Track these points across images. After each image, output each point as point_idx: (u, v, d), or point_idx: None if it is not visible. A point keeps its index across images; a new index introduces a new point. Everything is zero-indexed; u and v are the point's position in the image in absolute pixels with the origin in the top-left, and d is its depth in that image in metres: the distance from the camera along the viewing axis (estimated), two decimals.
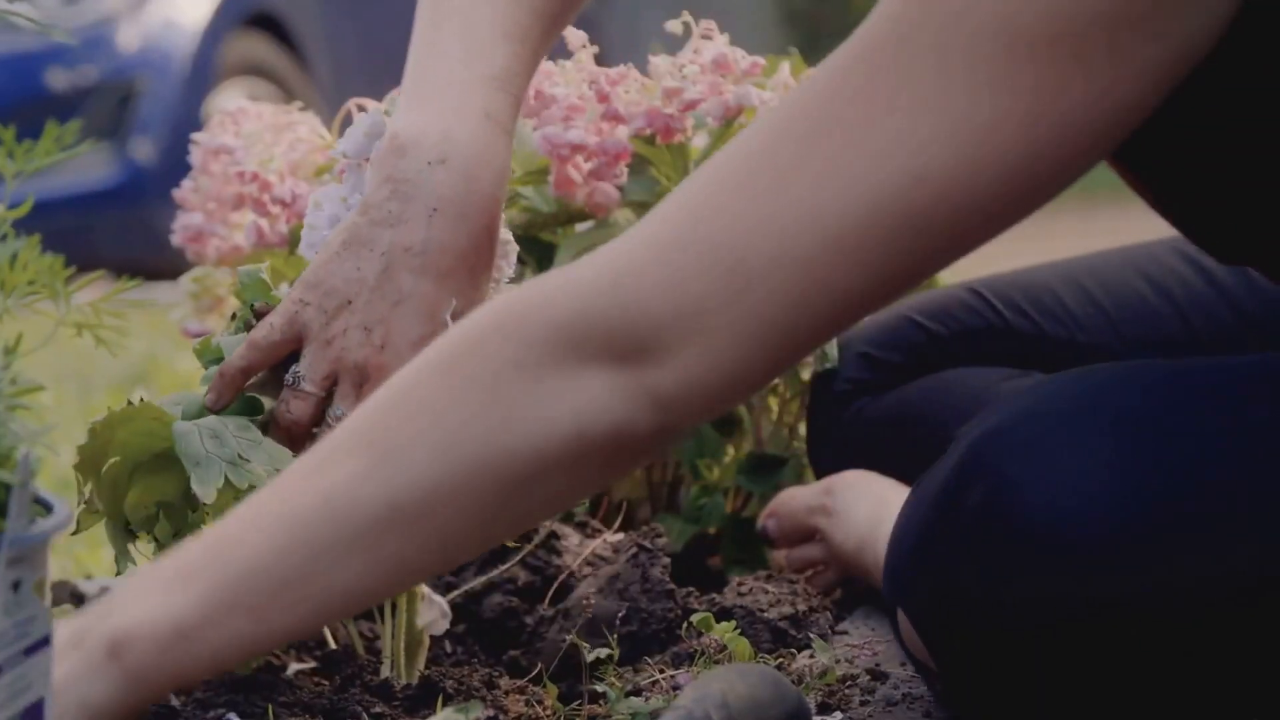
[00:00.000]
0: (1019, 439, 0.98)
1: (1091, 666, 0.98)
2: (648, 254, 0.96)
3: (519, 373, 0.96)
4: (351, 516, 0.96)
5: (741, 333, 0.94)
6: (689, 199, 0.97)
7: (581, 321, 0.96)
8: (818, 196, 0.93)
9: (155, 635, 0.95)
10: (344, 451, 0.98)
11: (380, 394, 0.99)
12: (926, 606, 1.02)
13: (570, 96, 1.49)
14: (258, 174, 1.54)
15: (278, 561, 0.96)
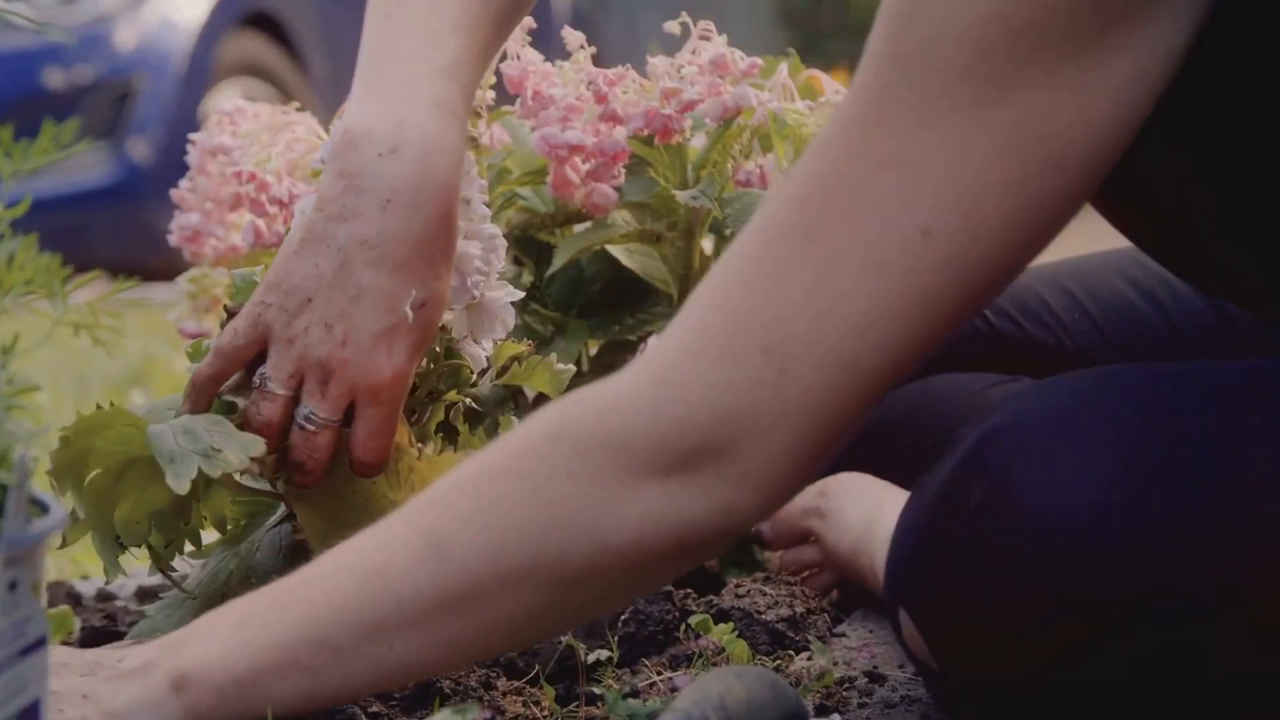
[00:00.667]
0: (1020, 440, 0.99)
1: (1092, 666, 0.98)
2: (683, 361, 0.96)
3: (570, 482, 0.97)
4: (406, 597, 0.98)
5: (787, 425, 0.95)
6: (713, 298, 0.97)
7: (630, 433, 0.96)
8: (829, 278, 0.94)
9: (216, 682, 0.98)
10: (401, 535, 0.99)
11: (435, 491, 1.01)
12: (929, 607, 1.02)
13: (568, 97, 1.49)
14: (255, 174, 1.54)
15: (334, 629, 0.98)
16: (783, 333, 0.94)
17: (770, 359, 0.94)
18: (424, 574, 0.98)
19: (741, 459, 0.95)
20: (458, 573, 0.98)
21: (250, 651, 0.99)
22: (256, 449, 1.11)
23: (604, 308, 1.58)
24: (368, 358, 1.13)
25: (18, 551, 0.82)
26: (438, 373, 1.22)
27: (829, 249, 0.94)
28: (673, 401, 0.96)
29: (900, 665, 1.26)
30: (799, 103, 1.52)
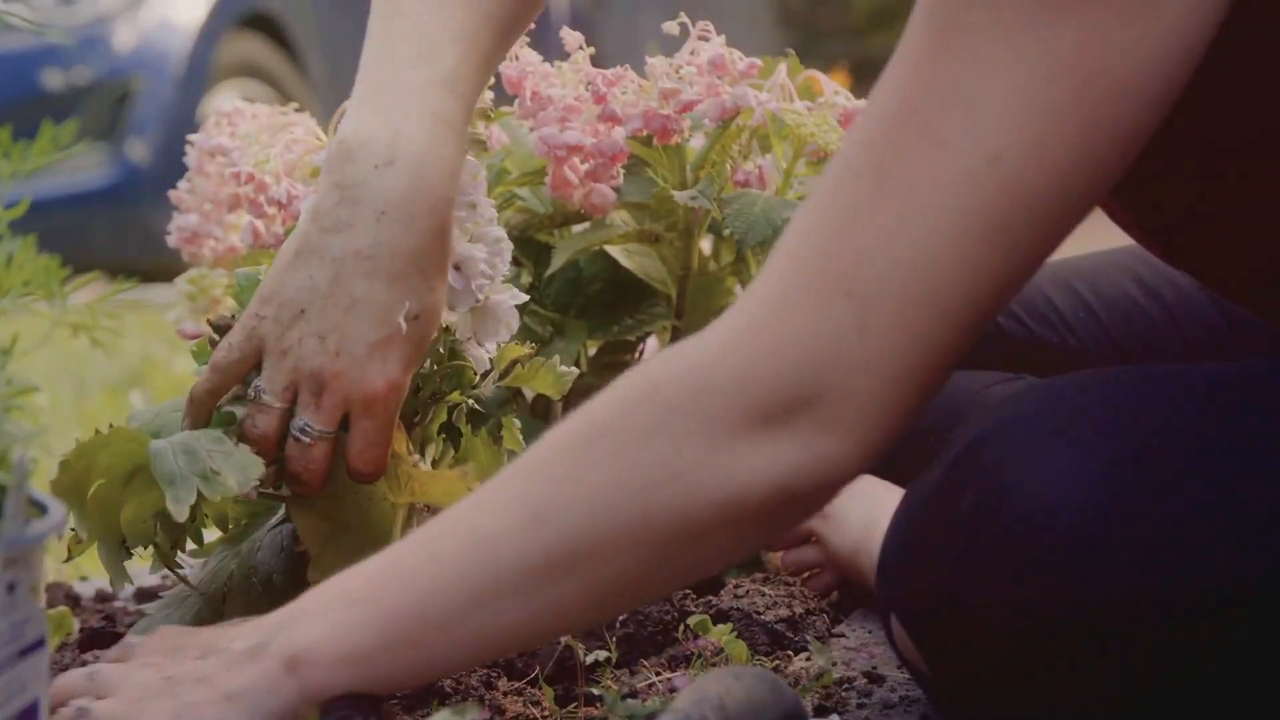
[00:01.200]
0: (1013, 442, 0.98)
1: (1084, 669, 0.98)
2: (767, 311, 0.97)
3: (664, 442, 0.97)
4: (510, 564, 0.99)
5: (876, 369, 0.94)
6: (792, 245, 0.97)
7: (720, 388, 0.96)
8: (902, 215, 0.94)
9: (327, 661, 1.00)
10: (498, 504, 1.00)
11: (530, 456, 1.01)
12: (919, 609, 1.02)
13: (567, 97, 1.49)
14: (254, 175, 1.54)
15: (441, 601, 0.99)
16: (862, 275, 0.94)
17: (852, 303, 0.94)
18: (526, 541, 0.98)
19: (834, 406, 0.95)
20: (559, 538, 0.98)
21: (359, 630, 1.00)
22: (256, 471, 1.11)
23: (603, 308, 1.58)
24: (362, 369, 1.13)
25: (16, 553, 0.82)
26: (441, 374, 1.22)
27: (900, 186, 0.94)
28: (760, 353, 0.96)
29: (899, 666, 1.26)
30: (798, 103, 1.52)
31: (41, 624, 0.85)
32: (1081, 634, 0.97)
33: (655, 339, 1.64)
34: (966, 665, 1.01)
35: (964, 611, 0.99)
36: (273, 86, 5.70)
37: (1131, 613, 0.96)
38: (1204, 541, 0.96)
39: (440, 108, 1.18)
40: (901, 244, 0.94)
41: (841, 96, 1.54)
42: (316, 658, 1.00)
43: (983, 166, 0.93)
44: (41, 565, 0.86)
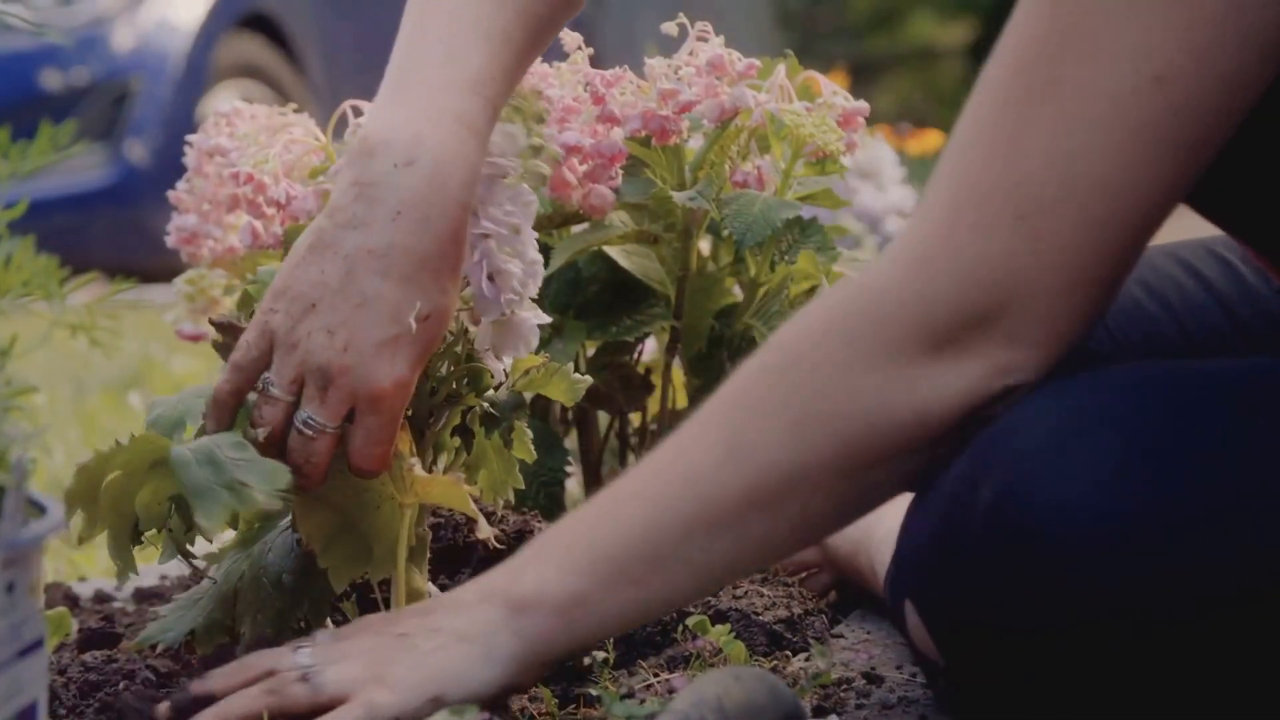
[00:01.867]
0: (1029, 438, 0.99)
1: (1100, 666, 0.99)
2: (937, 238, 1.01)
3: (851, 370, 1.02)
4: (716, 500, 1.04)
5: (1050, 290, 0.99)
6: (956, 170, 1.01)
7: (900, 314, 1.01)
8: (1068, 136, 0.97)
9: (553, 603, 1.06)
10: (701, 441, 1.05)
11: (728, 388, 1.06)
12: (935, 601, 1.03)
13: (566, 98, 1.49)
14: (252, 175, 1.54)
15: (652, 537, 1.05)
16: (1031, 197, 0.98)
17: (1021, 225, 0.98)
18: (727, 476, 1.04)
19: (1010, 324, 1.00)
20: (759, 472, 1.03)
21: (581, 571, 1.05)
22: (282, 480, 1.10)
23: (601, 308, 1.58)
24: (369, 365, 1.13)
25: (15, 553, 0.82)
26: (458, 376, 1.22)
27: (1065, 106, 0.98)
28: (932, 280, 1.00)
29: (898, 666, 1.26)
30: (796, 104, 1.52)
31: (40, 624, 0.85)
32: (1096, 631, 0.97)
33: (654, 340, 1.64)
34: (983, 657, 1.02)
35: (982, 605, 1.00)
36: (271, 87, 5.70)
37: (1147, 611, 0.96)
38: (1223, 540, 0.96)
39: (464, 110, 1.17)
40: (1066, 163, 0.98)
41: (840, 97, 1.54)
42: (541, 600, 1.06)
43: (1148, 86, 0.96)
44: (40, 566, 0.86)
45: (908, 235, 1.02)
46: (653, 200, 1.54)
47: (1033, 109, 0.99)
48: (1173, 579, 0.96)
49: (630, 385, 1.62)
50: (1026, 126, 0.99)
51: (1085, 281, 0.99)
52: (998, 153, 0.99)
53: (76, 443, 2.67)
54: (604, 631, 1.08)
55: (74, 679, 1.22)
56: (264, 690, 1.07)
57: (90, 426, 2.85)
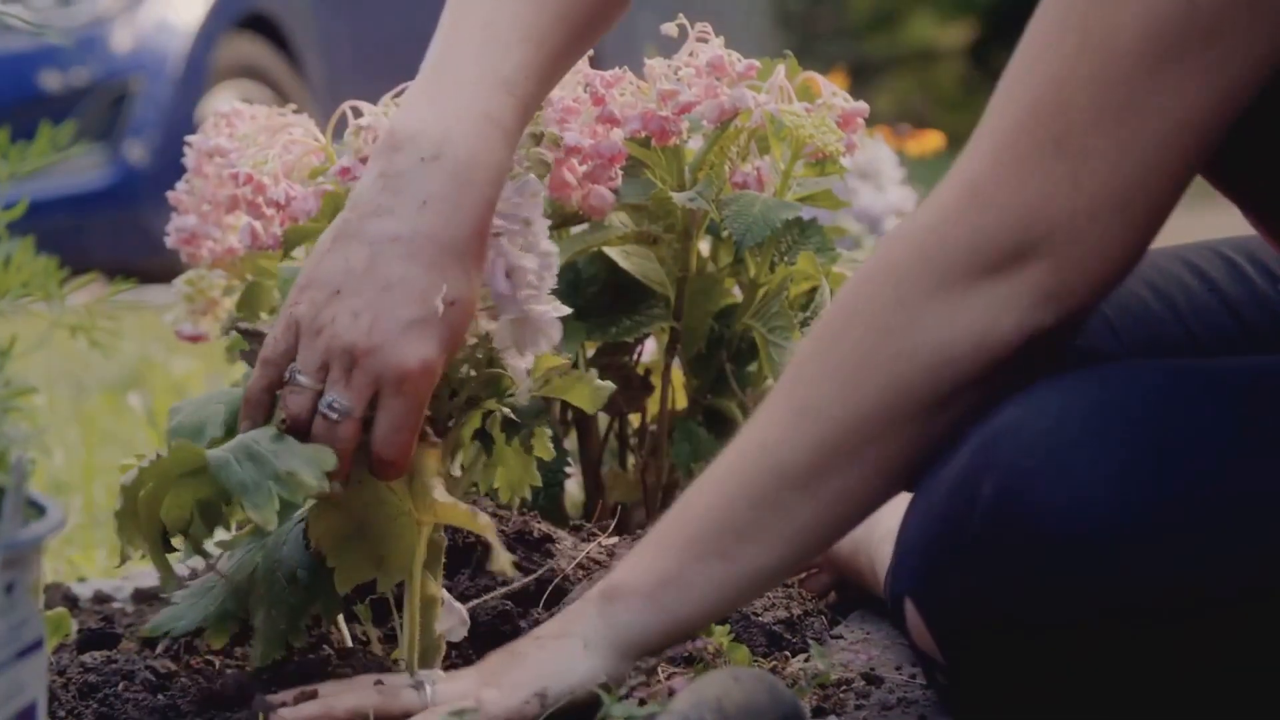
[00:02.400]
0: (1031, 434, 0.99)
1: (1100, 664, 0.99)
2: (982, 167, 1.03)
3: (903, 310, 1.03)
4: (788, 464, 1.06)
5: (1093, 215, 1.00)
6: (999, 111, 1.03)
7: (949, 250, 1.03)
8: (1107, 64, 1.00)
9: (644, 587, 1.08)
10: (769, 412, 1.08)
11: (791, 365, 1.08)
12: (935, 598, 1.03)
13: (565, 99, 1.49)
14: (252, 176, 1.54)
15: (734, 509, 1.07)
16: (1072, 130, 1.00)
17: (1065, 157, 1.01)
18: (797, 438, 1.06)
19: (1057, 253, 1.01)
20: (826, 429, 1.05)
21: (670, 555, 1.08)
22: (329, 462, 1.10)
23: (601, 309, 1.58)
24: (395, 346, 1.12)
25: (15, 554, 0.82)
26: (479, 380, 1.21)
27: (1095, 38, 1.00)
28: (979, 210, 1.02)
29: (897, 667, 1.26)
30: (796, 104, 1.52)
31: (39, 625, 0.85)
32: (1097, 629, 0.97)
33: (653, 340, 1.64)
34: (983, 654, 1.02)
35: (982, 601, 1.00)
36: (271, 88, 5.70)
37: (1148, 610, 0.97)
38: (1224, 538, 0.96)
39: (495, 109, 1.17)
40: (1098, 88, 1.00)
41: (840, 98, 1.54)
42: (633, 585, 1.08)
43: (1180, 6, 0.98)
44: (40, 566, 0.86)
45: (955, 174, 1.04)
46: (652, 201, 1.54)
47: (1070, 45, 1.01)
48: (1174, 578, 0.96)
49: (630, 386, 1.62)
50: (1065, 61, 1.01)
51: (1126, 205, 1.01)
52: (1038, 90, 1.02)
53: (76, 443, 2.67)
54: (699, 612, 1.09)
55: (73, 680, 1.22)
56: (374, 689, 1.11)
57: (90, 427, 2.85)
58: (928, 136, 4.28)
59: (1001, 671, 1.02)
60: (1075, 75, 1.00)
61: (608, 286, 1.58)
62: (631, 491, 1.62)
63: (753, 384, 1.63)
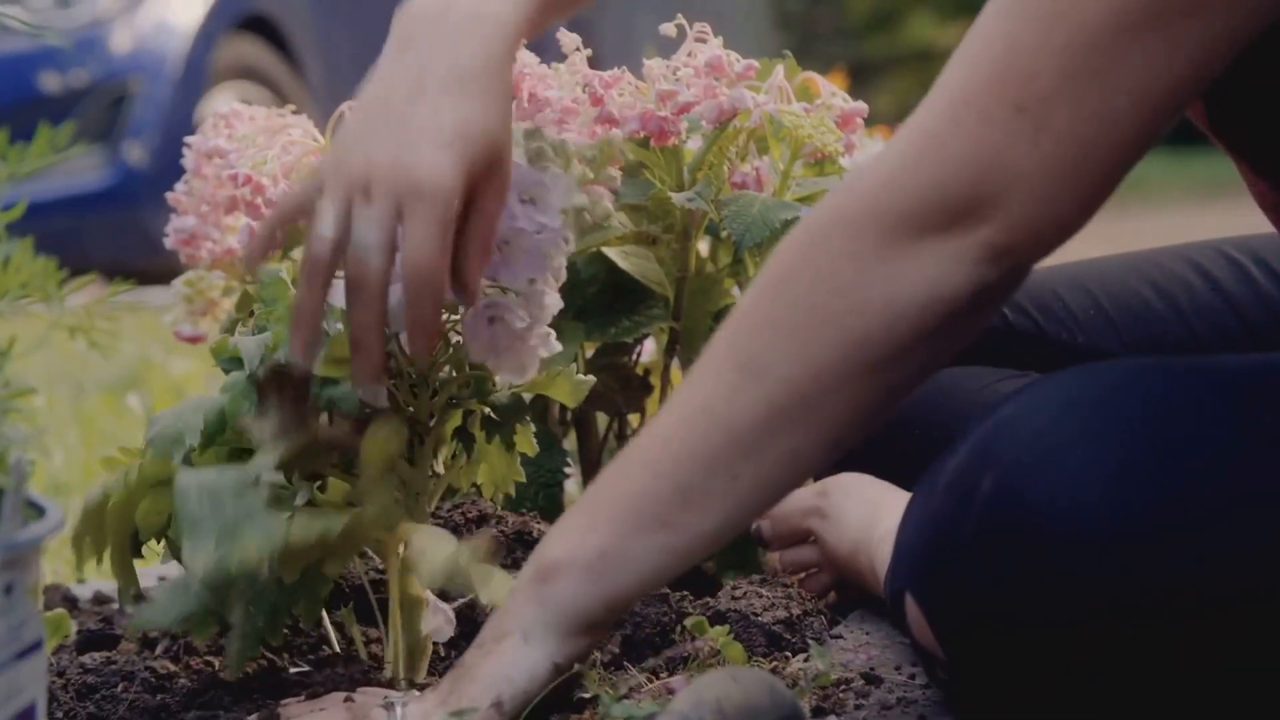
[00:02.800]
0: (1030, 429, 0.99)
1: (1099, 661, 0.99)
2: (941, 125, 1.02)
3: (855, 263, 1.02)
4: (736, 424, 1.03)
5: (1047, 177, 1.00)
6: (963, 63, 1.03)
7: (903, 202, 1.01)
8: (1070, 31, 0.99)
9: (583, 561, 1.05)
10: (711, 371, 1.04)
11: (729, 320, 1.05)
12: (935, 593, 1.03)
13: (564, 99, 1.49)
14: (251, 177, 1.54)
15: (676, 476, 1.04)
16: (1034, 89, 1.00)
17: (1025, 116, 1.00)
18: (746, 399, 1.03)
19: (1010, 211, 1.01)
20: (777, 388, 1.03)
21: (606, 526, 1.05)
22: (278, 535, 1.08)
23: (600, 310, 1.58)
24: (411, 162, 1.10)
25: (14, 555, 0.82)
26: (460, 380, 1.21)
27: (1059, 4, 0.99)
28: (936, 163, 1.01)
29: (897, 667, 1.26)
30: (795, 105, 1.52)
31: (39, 626, 0.85)
32: (1096, 626, 0.98)
33: (653, 341, 1.64)
34: (983, 650, 1.02)
35: (981, 596, 1.00)
36: (270, 89, 5.70)
37: (1150, 608, 0.97)
38: (1223, 535, 0.96)
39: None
40: (1066, 58, 0.99)
41: (839, 98, 1.54)
42: (569, 560, 1.05)
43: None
44: (39, 567, 0.86)
45: (911, 128, 1.03)
46: (651, 201, 1.54)
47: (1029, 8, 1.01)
48: (1173, 577, 0.96)
49: (629, 386, 1.62)
50: (1030, 20, 1.00)
51: (1082, 169, 1.00)
52: (1002, 45, 1.01)
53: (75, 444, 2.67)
54: (639, 581, 1.06)
55: (72, 681, 1.22)
56: (344, 709, 1.09)
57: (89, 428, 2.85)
58: None
59: (1002, 667, 1.02)
60: (1046, 43, 1.00)
61: (607, 287, 1.58)
62: None
63: None
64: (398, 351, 1.18)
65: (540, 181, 1.17)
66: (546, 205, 1.17)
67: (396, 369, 1.19)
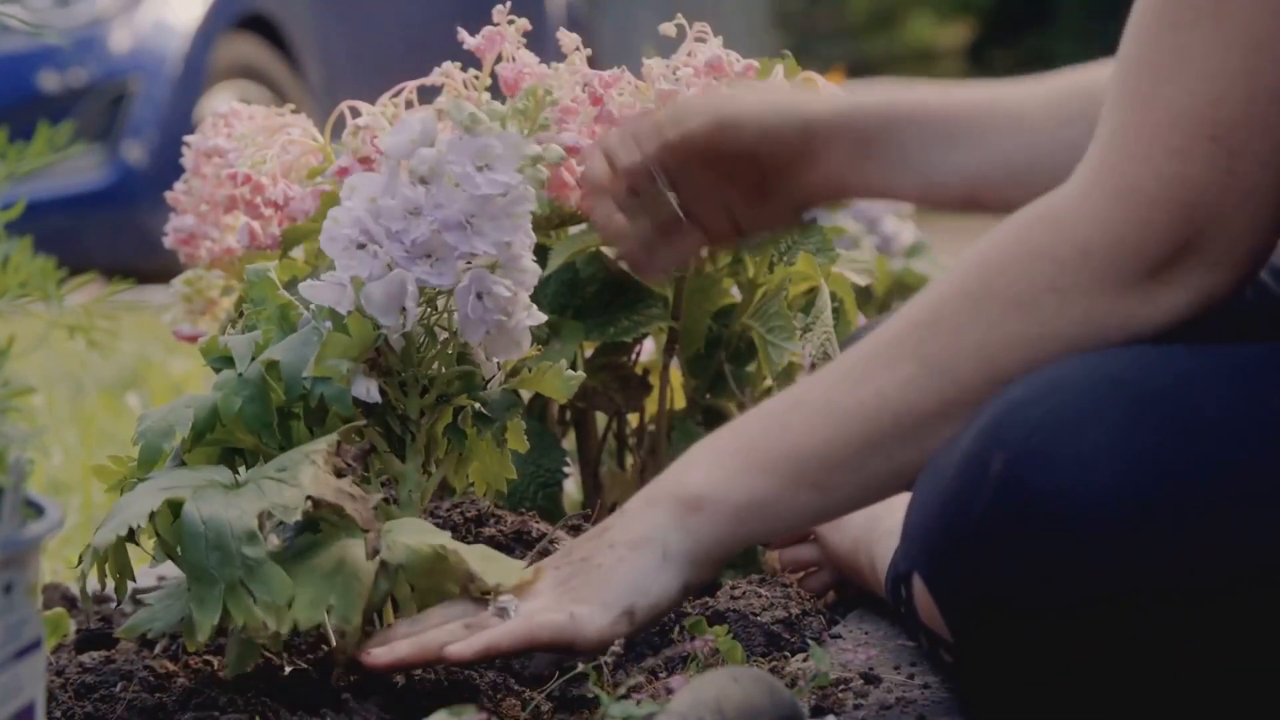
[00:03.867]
0: (1040, 411, 0.99)
1: (1105, 643, 0.98)
2: (1133, 165, 1.03)
3: (1058, 296, 1.05)
4: (904, 412, 1.08)
5: (1247, 205, 1.02)
6: (1140, 94, 1.03)
7: (1105, 248, 1.04)
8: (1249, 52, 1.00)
9: (734, 502, 1.10)
10: (888, 361, 1.09)
11: (913, 312, 1.09)
12: (944, 574, 1.03)
13: (564, 99, 1.49)
14: (250, 176, 1.54)
15: (841, 448, 1.09)
16: (1222, 117, 1.01)
17: (1217, 146, 1.01)
18: (919, 391, 1.08)
19: (1213, 247, 1.02)
20: (953, 387, 1.07)
21: (763, 474, 1.10)
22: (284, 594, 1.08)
23: (599, 309, 1.58)
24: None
25: (13, 554, 0.82)
26: (450, 378, 1.21)
27: (1238, 19, 1.00)
28: (1137, 208, 1.03)
29: (896, 667, 1.26)
30: None
31: (38, 625, 0.85)
32: (1103, 607, 0.97)
33: (652, 340, 1.64)
34: (989, 631, 1.02)
35: (989, 578, 1.00)
36: (269, 88, 5.70)
37: (1157, 590, 0.97)
38: (1230, 518, 0.96)
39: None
40: (1251, 81, 1.00)
41: None
42: (720, 498, 1.10)
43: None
44: (38, 566, 0.86)
45: (1098, 163, 1.05)
46: None
47: (1210, 28, 1.01)
48: (1183, 559, 0.96)
49: (628, 386, 1.62)
50: (1208, 46, 1.01)
51: (1273, 195, 1.02)
52: (1185, 75, 1.02)
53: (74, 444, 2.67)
54: (777, 531, 1.12)
55: (71, 680, 1.22)
56: (463, 624, 1.10)
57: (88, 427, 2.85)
58: None
59: (1009, 649, 1.02)
60: (1225, 69, 1.00)
61: (606, 286, 1.58)
62: (629, 491, 1.61)
63: (751, 384, 1.63)
64: (388, 350, 1.18)
65: (489, 145, 1.16)
66: (503, 165, 1.17)
67: (386, 366, 1.19)
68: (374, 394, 1.17)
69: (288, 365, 1.18)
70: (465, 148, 1.16)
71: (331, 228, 1.18)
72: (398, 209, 1.16)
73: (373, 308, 1.16)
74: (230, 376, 1.19)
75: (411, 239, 1.16)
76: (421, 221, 1.16)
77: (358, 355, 1.17)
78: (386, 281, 1.15)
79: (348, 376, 1.17)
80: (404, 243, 1.16)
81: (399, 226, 1.16)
